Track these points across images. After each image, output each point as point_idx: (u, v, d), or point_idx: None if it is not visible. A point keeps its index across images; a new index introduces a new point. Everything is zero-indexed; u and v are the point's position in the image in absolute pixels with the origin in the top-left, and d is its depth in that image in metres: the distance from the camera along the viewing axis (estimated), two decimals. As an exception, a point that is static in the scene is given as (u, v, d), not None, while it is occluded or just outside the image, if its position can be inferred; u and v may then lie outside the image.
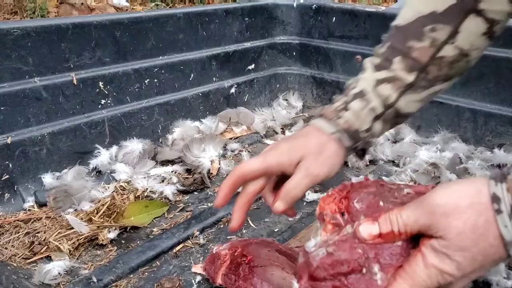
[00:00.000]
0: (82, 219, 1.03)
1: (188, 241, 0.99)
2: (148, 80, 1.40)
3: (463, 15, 0.69)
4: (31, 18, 4.24)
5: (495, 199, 0.49)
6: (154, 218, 1.09)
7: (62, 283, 0.87)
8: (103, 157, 1.26)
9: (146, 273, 0.90)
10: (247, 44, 1.69)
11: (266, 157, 0.71)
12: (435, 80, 0.73)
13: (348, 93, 0.76)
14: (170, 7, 4.84)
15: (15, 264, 0.92)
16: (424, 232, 0.53)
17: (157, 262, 0.94)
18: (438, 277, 0.52)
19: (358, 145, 0.74)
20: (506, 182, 0.49)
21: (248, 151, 1.42)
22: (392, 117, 0.75)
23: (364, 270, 0.51)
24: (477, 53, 0.73)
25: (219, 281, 0.80)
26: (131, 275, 0.90)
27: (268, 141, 1.51)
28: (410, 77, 0.72)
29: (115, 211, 1.05)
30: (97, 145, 1.27)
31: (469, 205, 0.50)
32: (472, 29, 0.70)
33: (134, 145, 1.30)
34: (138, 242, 1.00)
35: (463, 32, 0.70)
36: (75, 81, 1.23)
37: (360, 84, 0.76)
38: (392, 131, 1.42)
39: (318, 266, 0.52)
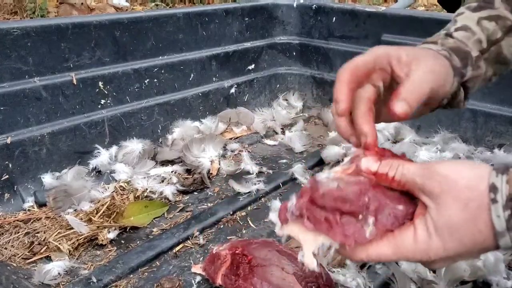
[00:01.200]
0: (82, 219, 1.03)
1: (188, 241, 0.99)
2: (148, 80, 1.40)
3: None
4: (31, 18, 4.24)
5: (493, 188, 0.49)
6: (154, 218, 1.09)
7: (62, 283, 0.87)
8: (103, 157, 1.26)
9: (146, 273, 0.90)
10: (247, 44, 1.69)
11: (372, 50, 0.62)
12: None
13: (449, 28, 0.70)
14: (170, 7, 4.84)
15: (15, 264, 0.92)
16: (416, 193, 0.52)
17: (157, 262, 0.93)
18: (422, 254, 0.51)
19: (466, 72, 0.66)
20: (507, 174, 0.49)
21: (248, 151, 1.42)
22: (494, 58, 0.70)
23: (360, 217, 0.52)
24: None
25: (219, 281, 0.80)
26: (131, 275, 0.89)
27: (268, 141, 1.51)
28: None
29: (115, 211, 1.05)
30: (97, 145, 1.27)
31: (466, 187, 0.50)
32: None
33: (134, 145, 1.30)
34: (138, 242, 1.00)
35: None
36: (75, 81, 1.23)
37: (460, 21, 0.70)
38: (392, 131, 1.42)
39: (323, 193, 0.52)
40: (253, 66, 1.72)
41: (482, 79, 0.71)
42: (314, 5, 1.71)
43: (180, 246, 0.98)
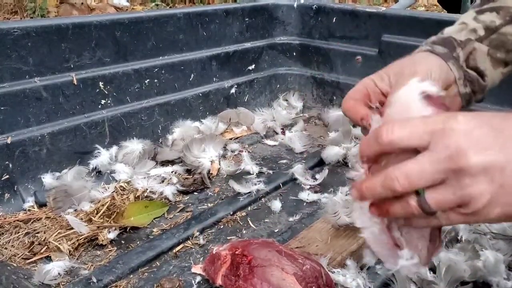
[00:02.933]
0: (82, 219, 1.03)
1: (188, 241, 0.99)
2: (148, 80, 1.40)
3: None
4: (31, 18, 4.25)
5: None
6: (154, 219, 1.09)
7: (62, 283, 0.87)
8: (103, 157, 1.26)
9: (146, 274, 0.90)
10: (247, 45, 1.69)
11: (358, 84, 0.68)
12: None
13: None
14: (170, 7, 4.84)
15: (15, 264, 0.92)
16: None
17: (157, 263, 0.94)
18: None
19: (457, 53, 0.69)
20: None
21: (248, 152, 1.42)
22: (500, 44, 0.70)
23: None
24: None
25: (219, 281, 0.81)
26: (131, 276, 0.89)
27: (268, 142, 1.51)
28: None
29: (115, 211, 1.05)
30: (97, 145, 1.27)
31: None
32: None
33: (134, 145, 1.30)
34: (138, 242, 1.00)
35: None
36: (75, 81, 1.23)
37: (459, 19, 0.73)
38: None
39: None
40: (253, 66, 1.72)
41: (495, 61, 0.71)
42: (315, 6, 1.71)
43: (180, 246, 0.98)
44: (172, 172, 1.27)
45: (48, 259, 0.94)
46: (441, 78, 0.66)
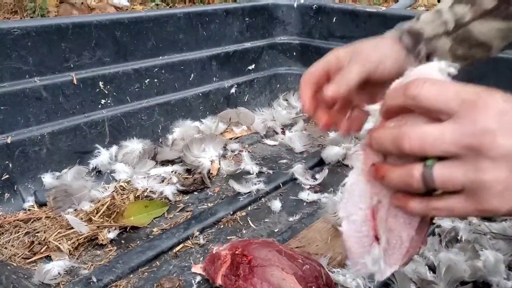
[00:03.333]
0: (82, 219, 1.03)
1: (188, 241, 0.99)
2: (148, 80, 1.40)
3: None
4: (31, 17, 4.24)
5: None
6: (154, 218, 1.09)
7: (62, 283, 0.87)
8: (103, 157, 1.26)
9: (146, 273, 0.90)
10: (247, 44, 1.69)
11: (326, 55, 0.69)
12: None
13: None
14: (170, 7, 4.83)
15: (15, 264, 0.92)
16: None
17: (157, 262, 0.93)
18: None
19: (419, 48, 0.71)
20: None
21: (248, 151, 1.42)
22: (463, 39, 0.72)
23: None
24: None
25: (219, 281, 0.80)
26: (131, 275, 0.89)
27: (268, 141, 1.51)
28: (489, 4, 0.71)
29: (115, 211, 1.05)
30: (97, 145, 1.27)
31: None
32: None
33: (134, 145, 1.30)
34: (138, 242, 1.00)
35: None
36: (75, 81, 1.23)
37: (438, 5, 0.75)
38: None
39: None
40: (253, 66, 1.72)
41: (455, 57, 0.73)
42: (315, 5, 1.71)
43: (180, 246, 0.98)
44: (172, 172, 1.27)
45: (48, 258, 0.94)
46: (390, 58, 0.68)
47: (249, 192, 1.16)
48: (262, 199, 1.17)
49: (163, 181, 1.22)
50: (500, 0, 0.71)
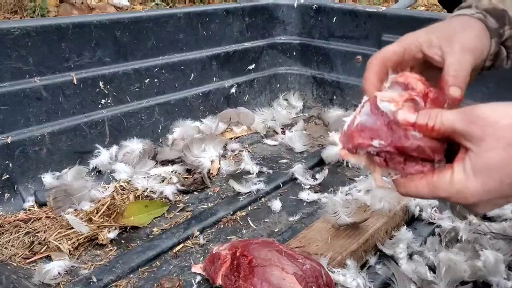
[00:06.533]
0: (82, 219, 1.03)
1: (188, 241, 0.99)
2: (148, 80, 1.40)
3: None
4: (31, 17, 4.24)
5: None
6: (154, 218, 1.09)
7: (62, 282, 0.87)
8: (103, 157, 1.26)
9: (146, 273, 0.90)
10: (248, 44, 1.69)
11: (402, 39, 0.66)
12: None
13: None
14: (170, 6, 4.84)
15: (15, 264, 0.92)
16: (457, 139, 0.52)
17: (157, 262, 0.94)
18: (459, 194, 0.51)
19: (503, 31, 0.68)
20: None
21: (248, 151, 1.42)
22: None
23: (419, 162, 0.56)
24: None
25: (219, 281, 0.81)
26: (131, 275, 0.90)
27: (268, 141, 1.51)
28: None
29: (115, 211, 1.05)
30: (97, 145, 1.27)
31: (508, 125, 0.48)
32: None
33: (134, 145, 1.30)
34: (138, 242, 1.00)
35: None
36: (75, 81, 1.23)
37: None
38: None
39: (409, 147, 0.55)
40: (253, 66, 1.72)
41: None
42: (315, 5, 1.71)
43: (180, 246, 0.98)
44: (172, 171, 1.27)
45: (48, 258, 0.94)
46: (478, 50, 0.64)
47: (249, 192, 1.16)
48: (262, 199, 1.17)
49: (163, 181, 1.22)
50: None
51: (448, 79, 0.61)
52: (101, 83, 1.29)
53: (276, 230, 1.04)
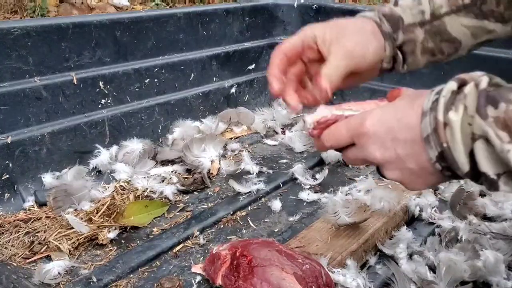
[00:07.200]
0: (82, 218, 1.03)
1: (188, 241, 0.99)
2: (148, 80, 1.40)
3: None
4: (31, 17, 4.24)
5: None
6: (154, 218, 1.09)
7: (62, 282, 0.87)
8: (103, 156, 1.26)
9: (146, 273, 0.90)
10: (248, 44, 1.69)
11: (302, 31, 0.72)
12: (490, 15, 0.73)
13: None
14: (170, 6, 4.83)
15: (15, 264, 0.92)
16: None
17: (157, 262, 0.94)
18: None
19: (397, 35, 0.73)
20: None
21: (248, 151, 1.42)
22: (436, 32, 0.74)
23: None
24: None
25: (219, 281, 0.81)
26: (131, 275, 0.89)
27: (268, 141, 1.51)
28: None
29: (115, 211, 1.05)
30: (97, 145, 1.27)
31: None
32: None
33: (134, 145, 1.30)
34: (138, 242, 1.00)
35: None
36: (75, 81, 1.23)
37: None
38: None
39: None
40: (253, 66, 1.72)
41: (424, 49, 0.75)
42: (315, 5, 1.71)
43: (180, 246, 0.98)
44: (172, 171, 1.27)
45: (48, 258, 0.94)
46: (371, 52, 0.71)
47: (249, 192, 1.16)
48: (262, 199, 1.17)
49: (163, 181, 1.22)
50: None
51: (322, 72, 0.68)
52: (101, 83, 1.29)
53: (276, 230, 1.04)
